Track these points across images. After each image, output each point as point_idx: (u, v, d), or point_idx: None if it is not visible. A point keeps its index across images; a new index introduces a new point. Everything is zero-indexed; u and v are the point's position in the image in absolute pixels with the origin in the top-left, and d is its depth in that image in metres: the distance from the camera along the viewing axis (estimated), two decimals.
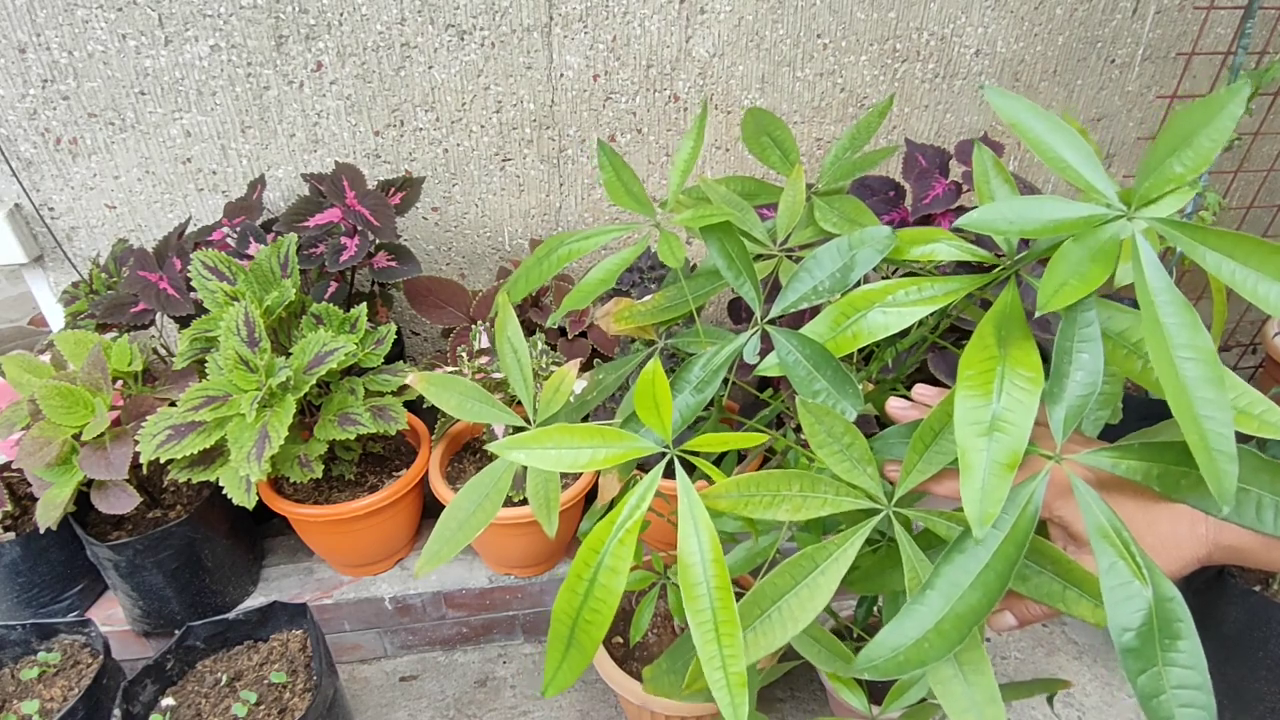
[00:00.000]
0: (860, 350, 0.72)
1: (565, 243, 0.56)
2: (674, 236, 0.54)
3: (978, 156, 0.53)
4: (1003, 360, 0.42)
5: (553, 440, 0.42)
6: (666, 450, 0.45)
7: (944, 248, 0.48)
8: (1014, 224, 0.42)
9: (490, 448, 0.41)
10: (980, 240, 0.75)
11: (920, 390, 0.51)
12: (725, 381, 0.55)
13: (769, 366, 0.50)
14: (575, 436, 0.42)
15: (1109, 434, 0.50)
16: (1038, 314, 0.41)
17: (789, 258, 0.58)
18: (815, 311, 0.50)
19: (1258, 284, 0.37)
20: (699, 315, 0.57)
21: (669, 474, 0.46)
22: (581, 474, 1.28)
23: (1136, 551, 0.37)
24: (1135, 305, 0.41)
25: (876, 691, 0.86)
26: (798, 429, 0.88)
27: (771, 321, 0.51)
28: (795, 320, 1.02)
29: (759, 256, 0.59)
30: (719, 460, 1.01)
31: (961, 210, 1.16)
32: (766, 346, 0.50)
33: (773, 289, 0.51)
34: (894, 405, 0.50)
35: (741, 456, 1.02)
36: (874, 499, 0.45)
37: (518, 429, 0.57)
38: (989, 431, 0.39)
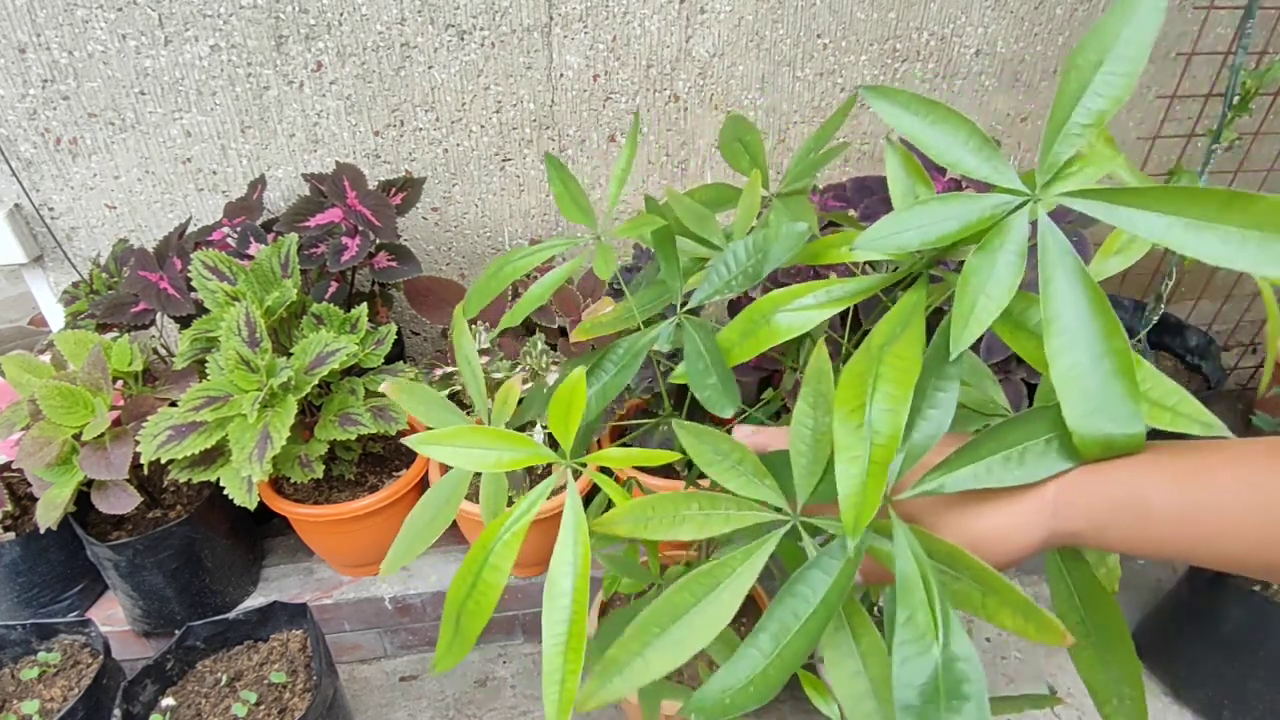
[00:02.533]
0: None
1: (511, 260, 0.59)
2: (609, 250, 0.56)
3: (889, 159, 0.51)
4: (878, 363, 0.40)
5: (464, 440, 0.43)
6: (564, 460, 0.45)
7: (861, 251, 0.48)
8: (906, 241, 0.39)
9: (406, 441, 0.43)
10: None
11: (740, 430, 0.51)
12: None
13: (679, 376, 0.50)
14: (485, 438, 0.43)
15: None
16: (953, 356, 0.39)
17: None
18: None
19: (1184, 231, 0.33)
20: (643, 324, 0.58)
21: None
22: (582, 475, 1.28)
23: (940, 609, 0.36)
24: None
25: None
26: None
27: (693, 314, 0.53)
28: None
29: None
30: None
31: None
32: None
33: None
34: (741, 433, 0.50)
35: None
36: (778, 510, 0.43)
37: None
38: (865, 438, 0.39)
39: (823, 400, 0.43)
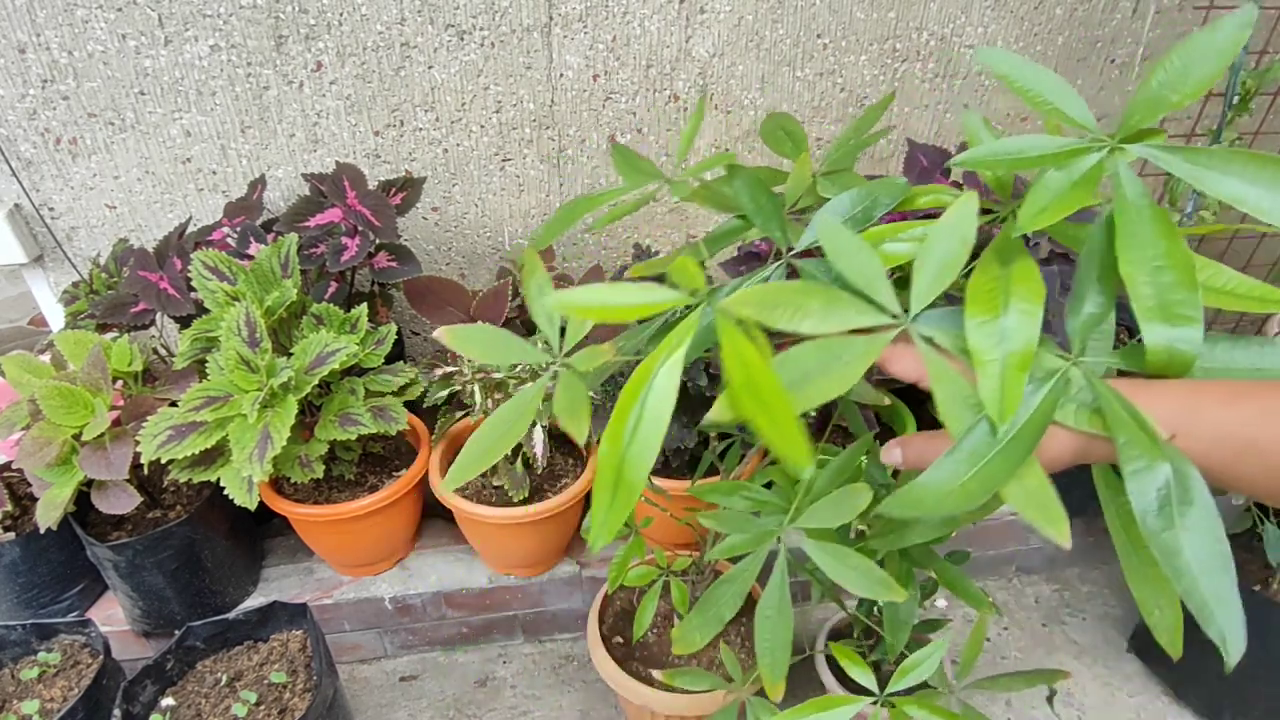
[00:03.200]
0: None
1: (581, 203, 0.61)
2: (683, 183, 0.59)
3: (968, 118, 0.57)
4: (1006, 279, 0.45)
5: (593, 291, 0.42)
6: (699, 301, 0.45)
7: (948, 196, 0.54)
8: (1001, 158, 0.45)
9: (543, 304, 0.40)
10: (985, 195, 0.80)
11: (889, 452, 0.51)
12: None
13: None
14: (618, 290, 0.42)
15: None
16: (1016, 234, 0.44)
17: (796, 220, 0.63)
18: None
19: (1263, 197, 0.39)
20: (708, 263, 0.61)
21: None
22: (582, 475, 1.28)
23: (1150, 428, 0.40)
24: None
25: (882, 677, 0.86)
26: None
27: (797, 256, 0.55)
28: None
29: None
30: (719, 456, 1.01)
31: None
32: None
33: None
34: (891, 456, 0.50)
35: (741, 456, 1.02)
36: (894, 314, 0.46)
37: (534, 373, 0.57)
38: (999, 341, 0.43)
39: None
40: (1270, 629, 1.15)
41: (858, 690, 0.82)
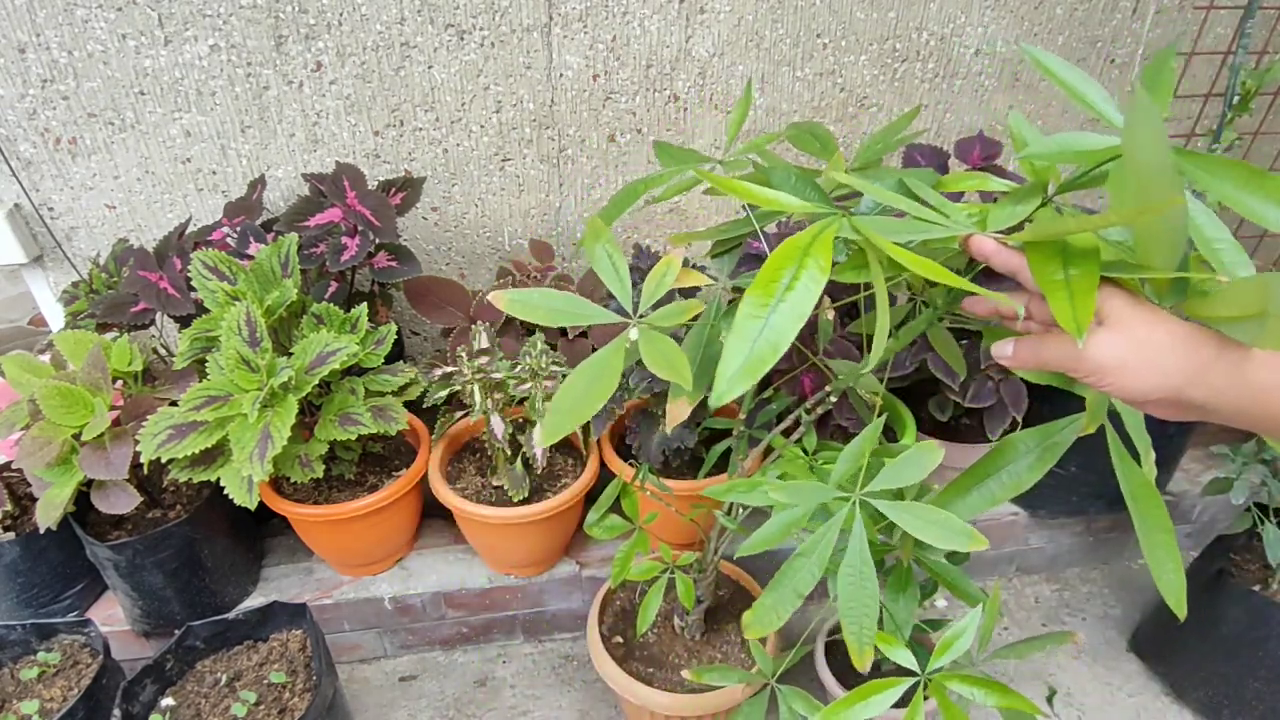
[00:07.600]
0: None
1: (644, 183, 0.69)
2: (739, 163, 0.69)
3: (1014, 119, 0.64)
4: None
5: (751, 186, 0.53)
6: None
7: (994, 181, 0.60)
8: (1065, 151, 0.53)
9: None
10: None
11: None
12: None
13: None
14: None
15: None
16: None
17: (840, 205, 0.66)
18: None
19: (1235, 192, 0.46)
20: (762, 234, 0.64)
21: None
22: (581, 475, 1.28)
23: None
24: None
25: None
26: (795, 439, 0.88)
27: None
28: None
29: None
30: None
31: None
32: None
33: None
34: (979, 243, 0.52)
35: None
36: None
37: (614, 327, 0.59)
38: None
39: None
40: (1270, 629, 1.15)
41: (870, 677, 0.81)
